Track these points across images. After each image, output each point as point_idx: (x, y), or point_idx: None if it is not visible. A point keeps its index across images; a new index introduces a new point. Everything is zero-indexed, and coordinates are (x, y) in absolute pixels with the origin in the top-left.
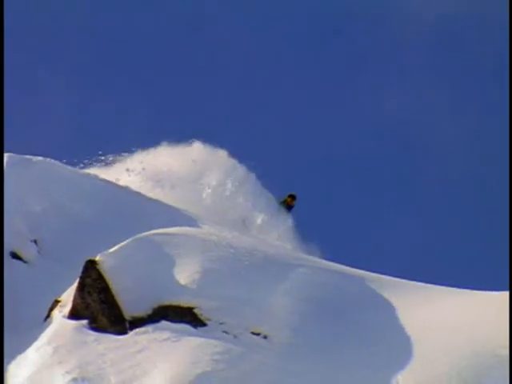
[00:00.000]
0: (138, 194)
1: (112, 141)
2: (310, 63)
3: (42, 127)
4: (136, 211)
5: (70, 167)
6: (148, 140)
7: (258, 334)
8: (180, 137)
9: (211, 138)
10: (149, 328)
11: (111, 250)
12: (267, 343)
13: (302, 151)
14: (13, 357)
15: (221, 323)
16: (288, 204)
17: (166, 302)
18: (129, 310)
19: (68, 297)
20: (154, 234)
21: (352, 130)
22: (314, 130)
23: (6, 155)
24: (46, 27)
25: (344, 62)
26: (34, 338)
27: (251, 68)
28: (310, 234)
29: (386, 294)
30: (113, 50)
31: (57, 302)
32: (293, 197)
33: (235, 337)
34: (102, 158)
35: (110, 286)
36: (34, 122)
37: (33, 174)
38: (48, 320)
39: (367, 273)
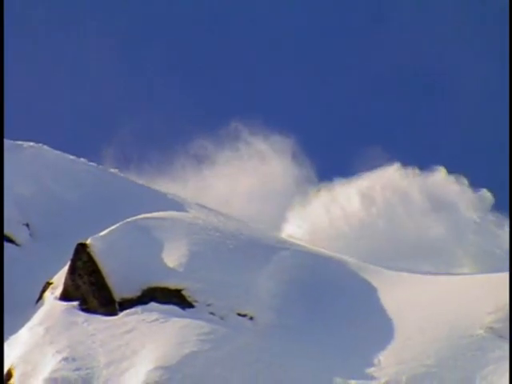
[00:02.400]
0: (125, 178)
1: None
2: None
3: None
4: (124, 196)
5: (59, 152)
6: None
7: (243, 316)
8: None
9: None
10: (138, 309)
11: (101, 233)
12: (252, 324)
13: None
14: (5, 337)
15: (208, 305)
16: None
17: (155, 284)
18: (118, 292)
19: (59, 279)
20: (143, 219)
21: None
22: None
23: None
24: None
25: None
26: (27, 319)
27: None
28: None
29: (366, 277)
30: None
31: (48, 284)
32: None
33: (222, 318)
34: None
35: (100, 269)
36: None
37: (23, 160)
38: (40, 301)
39: (347, 257)
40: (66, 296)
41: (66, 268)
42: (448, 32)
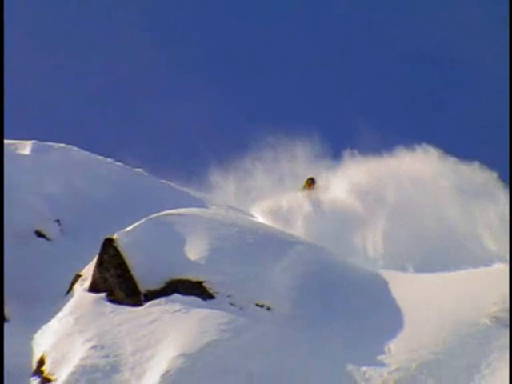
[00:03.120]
0: (148, 177)
1: None
2: None
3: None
4: (147, 193)
5: (88, 153)
6: None
7: (261, 306)
8: None
9: None
10: (161, 300)
11: (127, 229)
12: (270, 315)
13: None
14: (38, 326)
15: (228, 296)
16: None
17: (177, 277)
18: (143, 284)
19: (88, 272)
20: (166, 215)
21: None
22: None
23: (30, 142)
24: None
25: None
26: (57, 309)
27: None
28: None
29: (379, 270)
30: None
31: (78, 276)
32: (312, 180)
33: (241, 309)
34: None
35: (126, 262)
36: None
37: (54, 160)
38: (70, 293)
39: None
40: (94, 288)
41: (94, 261)
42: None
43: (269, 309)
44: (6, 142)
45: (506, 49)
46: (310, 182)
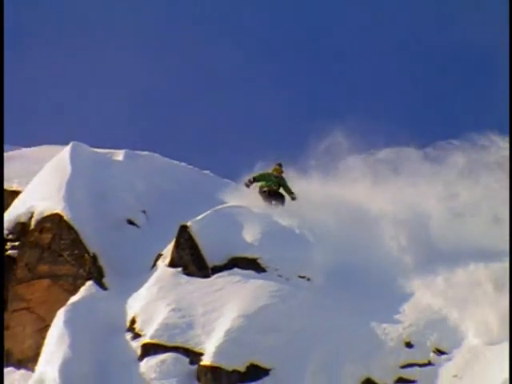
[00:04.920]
0: (214, 177)
1: None
2: None
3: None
4: (213, 190)
5: (167, 159)
6: None
7: (303, 277)
8: None
9: None
10: (225, 273)
11: (197, 218)
12: (309, 284)
13: None
14: (130, 294)
15: (276, 269)
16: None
17: (237, 255)
18: (210, 261)
19: (167, 251)
20: (227, 207)
21: None
22: None
23: (122, 151)
24: None
25: None
26: (145, 281)
27: None
28: None
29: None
30: None
31: (160, 255)
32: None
33: (287, 279)
34: None
35: (197, 244)
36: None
37: (140, 165)
38: (154, 268)
39: None
40: (172, 264)
41: (173, 243)
42: None
43: (308, 279)
44: (103, 150)
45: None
46: (278, 167)
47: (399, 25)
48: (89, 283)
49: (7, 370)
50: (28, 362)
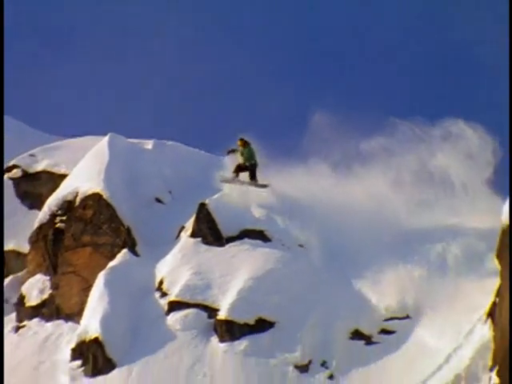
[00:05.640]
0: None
1: None
2: None
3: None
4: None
5: (190, 148)
6: None
7: (301, 246)
8: None
9: None
10: (237, 243)
11: (214, 197)
12: (307, 252)
13: None
14: (158, 260)
15: (279, 239)
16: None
17: (247, 228)
18: (225, 232)
19: (189, 224)
20: (238, 188)
21: None
22: None
23: (151, 141)
24: None
25: None
26: (170, 249)
27: None
28: None
29: None
30: None
31: (183, 227)
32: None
33: (288, 248)
34: None
35: (214, 218)
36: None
37: (166, 153)
38: (178, 238)
39: None
40: (193, 235)
41: (193, 218)
42: None
43: (306, 248)
44: (135, 140)
45: None
46: (243, 143)
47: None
48: (124, 251)
49: (57, 323)
50: (74, 316)
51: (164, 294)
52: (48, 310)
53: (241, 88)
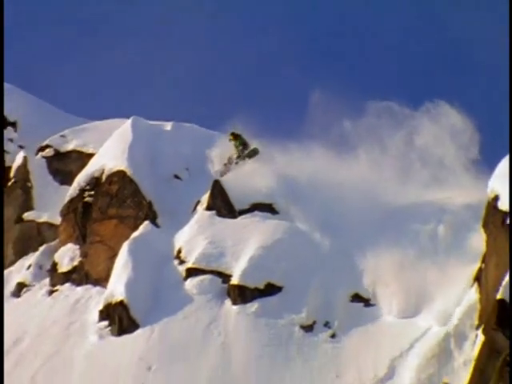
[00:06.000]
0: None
1: None
2: None
3: None
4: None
5: (203, 128)
6: None
7: (306, 219)
8: None
9: None
10: (248, 215)
11: (226, 175)
12: (312, 224)
13: None
14: (176, 231)
15: (286, 213)
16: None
17: (257, 201)
18: (237, 206)
19: (204, 198)
20: (249, 166)
21: None
22: None
23: (171, 123)
24: None
25: None
26: (187, 221)
27: None
28: None
29: None
30: None
31: (199, 201)
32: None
33: (292, 220)
34: None
35: (227, 193)
36: None
37: (184, 133)
38: (194, 211)
39: None
40: (208, 208)
41: (208, 193)
42: None
43: (310, 220)
44: (155, 122)
45: None
46: (234, 136)
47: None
48: (146, 223)
49: (86, 287)
50: (101, 281)
51: (182, 262)
52: (78, 276)
53: (248, 72)
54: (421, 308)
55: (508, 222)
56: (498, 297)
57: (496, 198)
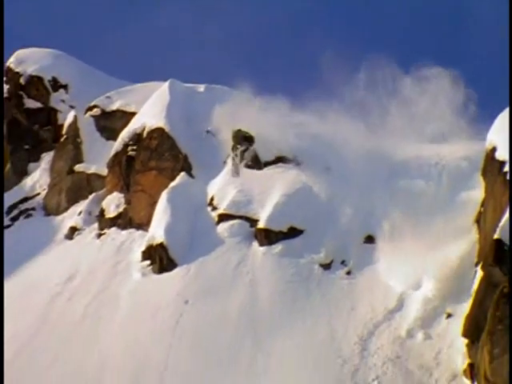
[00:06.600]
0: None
1: None
2: None
3: None
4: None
5: (233, 90)
6: None
7: (327, 169)
8: None
9: None
10: (271, 166)
11: (254, 130)
12: (330, 172)
13: None
14: (209, 181)
15: (308, 164)
16: None
17: (281, 155)
18: (262, 158)
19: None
20: (274, 121)
21: None
22: None
23: (203, 85)
24: None
25: None
26: (219, 172)
27: None
28: None
29: None
30: None
31: (229, 155)
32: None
33: (315, 170)
34: None
35: (254, 147)
36: None
37: (215, 95)
38: (225, 164)
39: None
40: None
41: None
42: None
43: (328, 168)
44: (190, 84)
45: None
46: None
47: None
48: (182, 174)
49: (130, 231)
50: (143, 225)
51: (214, 208)
52: (123, 221)
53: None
54: (425, 249)
55: (504, 170)
56: (495, 237)
57: (494, 150)
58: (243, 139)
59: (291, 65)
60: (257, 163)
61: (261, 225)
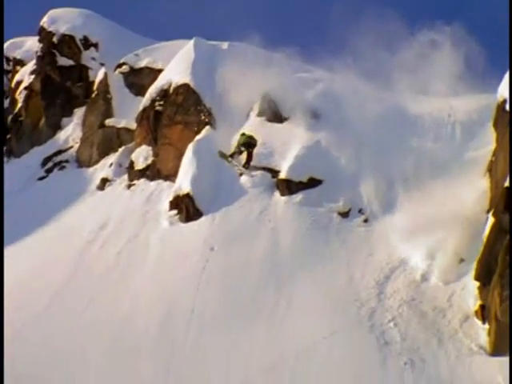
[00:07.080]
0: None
1: None
2: None
3: None
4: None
5: (253, 46)
6: None
7: (343, 124)
8: None
9: None
10: (292, 120)
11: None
12: (347, 128)
13: None
14: (233, 134)
15: (326, 118)
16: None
17: (301, 108)
18: (283, 114)
19: (256, 106)
20: (294, 80)
21: None
22: None
23: (227, 43)
24: None
25: None
26: (242, 126)
27: None
28: None
29: None
30: None
31: (251, 108)
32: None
33: (329, 124)
34: None
35: (275, 102)
36: None
37: (237, 52)
38: (247, 117)
39: None
40: (259, 114)
41: (259, 101)
42: None
43: (343, 125)
44: (214, 42)
45: None
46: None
47: None
48: (207, 127)
49: (158, 182)
50: (171, 176)
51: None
52: (151, 173)
53: None
54: (440, 198)
55: None
56: (506, 185)
57: (504, 102)
58: (248, 145)
59: (302, 18)
60: (278, 117)
61: (282, 175)
